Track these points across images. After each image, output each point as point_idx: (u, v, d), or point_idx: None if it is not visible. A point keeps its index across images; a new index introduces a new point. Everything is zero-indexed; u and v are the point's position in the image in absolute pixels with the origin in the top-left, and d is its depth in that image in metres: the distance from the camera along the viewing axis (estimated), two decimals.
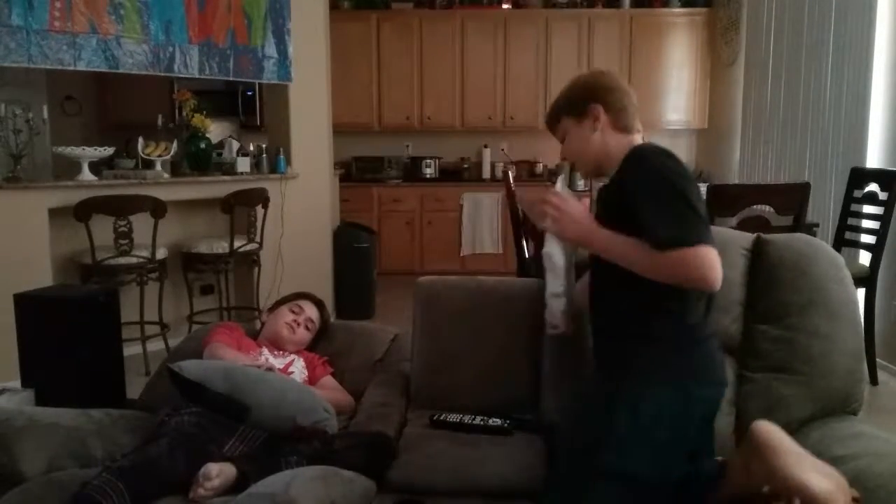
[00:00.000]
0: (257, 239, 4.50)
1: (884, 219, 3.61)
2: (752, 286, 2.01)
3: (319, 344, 2.55)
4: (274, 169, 4.79)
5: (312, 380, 2.35)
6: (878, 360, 3.75)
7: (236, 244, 4.32)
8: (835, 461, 1.65)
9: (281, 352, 2.39)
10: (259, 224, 4.52)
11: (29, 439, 1.84)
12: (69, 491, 1.63)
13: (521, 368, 2.20)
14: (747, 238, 2.06)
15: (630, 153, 1.67)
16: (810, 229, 3.69)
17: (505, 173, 4.18)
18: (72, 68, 3.85)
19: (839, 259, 2.00)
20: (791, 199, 3.41)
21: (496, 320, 2.24)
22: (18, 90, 5.59)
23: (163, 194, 4.04)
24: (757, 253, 2.02)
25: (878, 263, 3.65)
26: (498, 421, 2.06)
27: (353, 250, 5.27)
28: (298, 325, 2.45)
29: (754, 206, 3.58)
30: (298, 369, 2.34)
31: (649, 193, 1.56)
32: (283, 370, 2.27)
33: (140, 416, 2.11)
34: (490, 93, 6.71)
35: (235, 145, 5.02)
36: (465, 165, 6.97)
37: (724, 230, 2.17)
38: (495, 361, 2.21)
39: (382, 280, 5.69)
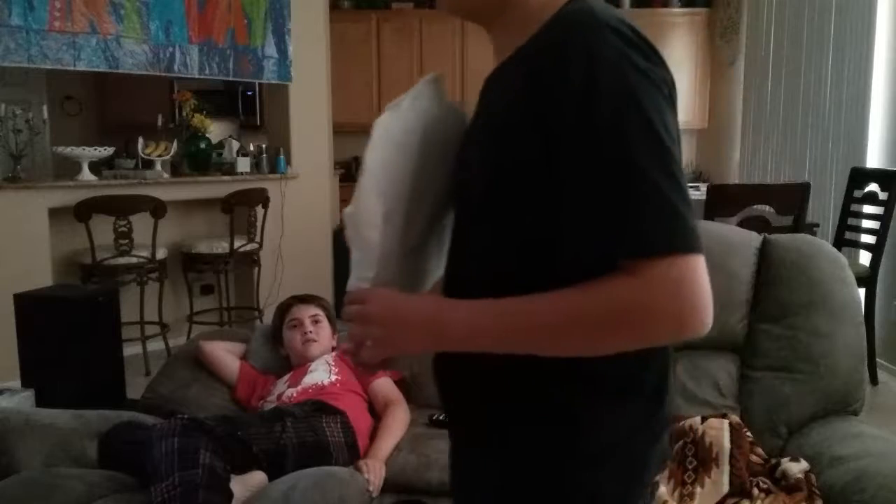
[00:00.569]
0: (257, 239, 4.50)
1: (884, 219, 3.61)
2: (755, 285, 2.01)
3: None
4: (274, 169, 4.79)
5: (359, 377, 2.26)
6: (878, 360, 3.75)
7: (236, 244, 4.31)
8: (836, 461, 1.66)
9: (304, 367, 2.30)
10: (259, 224, 4.52)
11: (25, 439, 1.84)
12: (67, 479, 1.64)
13: None
14: (757, 237, 2.06)
15: (564, 13, 0.82)
16: (810, 229, 3.69)
17: None
18: (72, 68, 3.85)
19: (842, 259, 2.00)
20: (791, 199, 3.41)
21: None
22: (18, 90, 5.60)
23: (163, 194, 4.04)
24: (762, 253, 2.03)
25: (878, 263, 3.65)
26: None
27: None
28: (307, 332, 2.36)
29: (754, 206, 3.58)
30: (321, 369, 2.26)
31: (597, 139, 0.74)
32: (301, 391, 2.19)
33: (139, 417, 2.11)
34: None
35: (235, 145, 5.02)
36: None
37: (735, 228, 2.18)
38: None
39: None
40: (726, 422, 1.81)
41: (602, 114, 0.73)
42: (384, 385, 2.24)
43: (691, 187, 6.60)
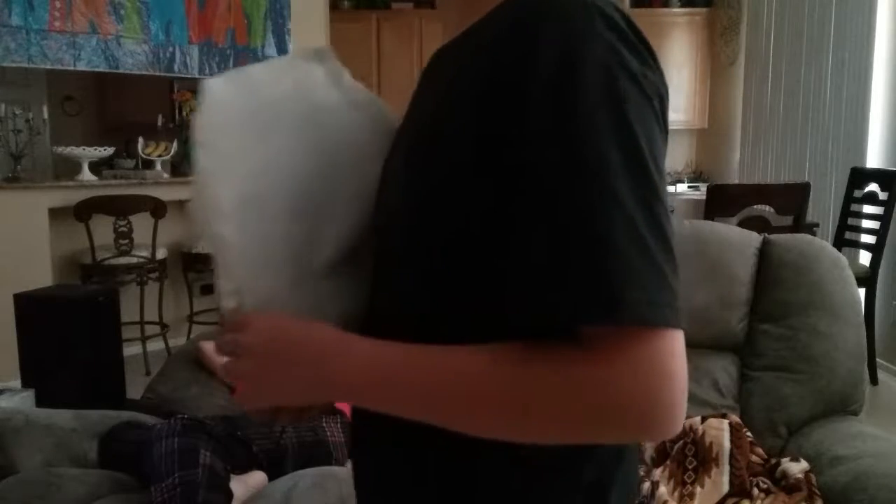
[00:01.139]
0: None
1: (884, 219, 3.61)
2: (755, 286, 2.01)
3: None
4: None
5: None
6: (878, 360, 3.76)
7: None
8: (836, 461, 1.66)
9: None
10: None
11: (25, 440, 1.84)
12: (67, 479, 1.64)
13: None
14: (757, 237, 2.06)
15: None
16: (810, 229, 3.69)
17: None
18: (72, 68, 3.85)
19: (842, 260, 2.00)
20: (791, 199, 3.41)
21: None
22: (18, 90, 5.59)
23: (163, 194, 4.04)
24: (762, 253, 2.03)
25: (878, 263, 3.65)
26: None
27: None
28: None
29: (754, 206, 3.58)
30: None
31: (569, 164, 0.54)
32: None
33: (139, 417, 2.11)
34: None
35: None
36: None
37: (735, 228, 2.18)
38: None
39: None
40: (726, 422, 1.81)
41: (578, 131, 0.54)
42: None
43: (691, 187, 6.60)
